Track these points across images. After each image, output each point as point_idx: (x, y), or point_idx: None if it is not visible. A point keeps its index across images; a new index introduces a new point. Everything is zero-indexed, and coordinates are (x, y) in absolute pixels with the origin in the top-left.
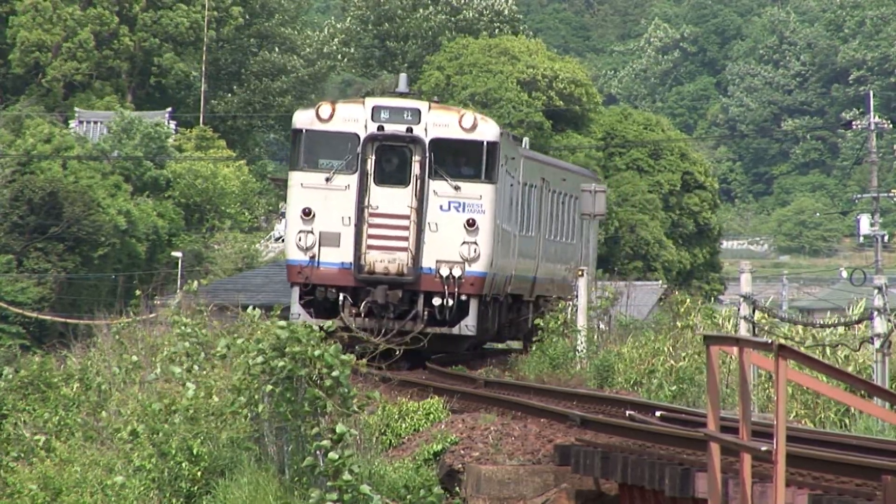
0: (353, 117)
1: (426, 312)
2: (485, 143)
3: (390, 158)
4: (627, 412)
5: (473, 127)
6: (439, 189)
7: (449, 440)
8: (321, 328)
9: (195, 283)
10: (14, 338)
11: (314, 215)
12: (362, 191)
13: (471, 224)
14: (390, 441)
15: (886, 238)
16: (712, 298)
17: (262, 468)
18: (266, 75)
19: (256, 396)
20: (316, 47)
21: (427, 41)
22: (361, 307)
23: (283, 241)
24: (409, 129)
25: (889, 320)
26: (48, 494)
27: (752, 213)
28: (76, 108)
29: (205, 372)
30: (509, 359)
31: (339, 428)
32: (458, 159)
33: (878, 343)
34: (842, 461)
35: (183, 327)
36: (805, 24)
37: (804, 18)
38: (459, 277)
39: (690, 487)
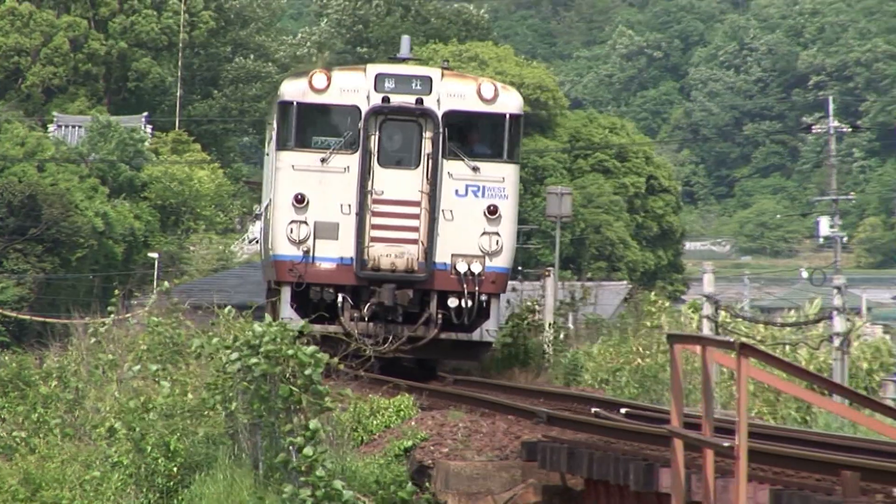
0: (353, 87)
1: (440, 315)
2: (507, 117)
3: (397, 135)
4: (593, 409)
5: (495, 97)
6: (455, 171)
7: (419, 437)
8: (301, 332)
9: (165, 283)
10: None
11: (308, 203)
12: (364, 173)
13: (492, 211)
14: (362, 437)
15: (845, 239)
16: (675, 299)
17: (237, 464)
18: (241, 81)
19: (231, 394)
20: (289, 52)
21: (397, 47)
22: (364, 310)
23: (257, 242)
24: (420, 101)
25: (847, 319)
26: (28, 490)
27: (715, 215)
28: (54, 113)
29: (181, 370)
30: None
31: (313, 424)
32: (477, 136)
33: (836, 341)
34: (802, 457)
35: (157, 327)
36: (766, 31)
37: (765, 25)
38: (479, 274)
39: (654, 482)
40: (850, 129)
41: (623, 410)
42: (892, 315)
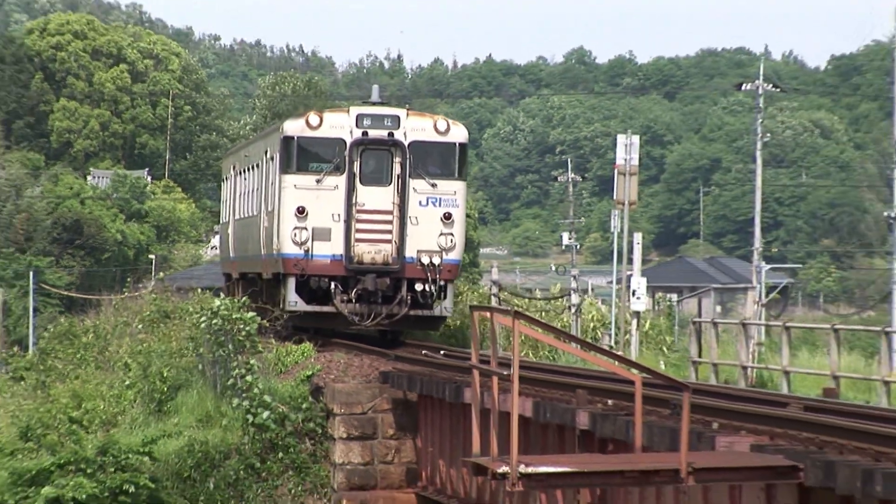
0: (339, 124)
1: (409, 297)
2: (457, 145)
3: (374, 160)
4: (423, 351)
5: (447, 130)
6: (418, 187)
7: (316, 368)
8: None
9: (161, 274)
10: (54, 307)
11: (307, 213)
12: (350, 190)
13: (447, 217)
14: (280, 369)
15: (578, 246)
16: (475, 282)
17: (204, 385)
18: (207, 148)
19: (200, 342)
20: (235, 131)
21: None
22: (352, 294)
23: (216, 248)
24: (391, 134)
25: (579, 296)
26: (75, 401)
27: (498, 231)
28: (91, 169)
29: (168, 327)
30: None
31: (251, 361)
32: (434, 159)
33: (573, 309)
34: (552, 381)
35: (154, 301)
36: (529, 118)
37: (529, 114)
38: (438, 265)
39: (461, 396)
40: (581, 179)
41: (441, 352)
42: (607, 293)
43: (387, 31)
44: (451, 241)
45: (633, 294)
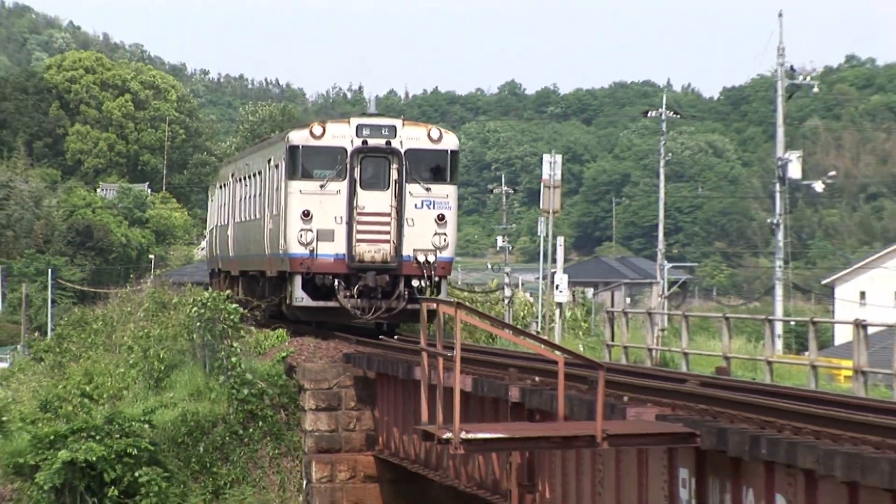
0: (340, 134)
1: (406, 292)
2: (449, 152)
3: (373, 167)
4: (380, 336)
5: (440, 138)
6: (414, 191)
7: (289, 351)
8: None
9: (158, 271)
10: (69, 299)
11: (312, 216)
12: (351, 194)
13: (440, 218)
14: (259, 351)
15: (510, 248)
16: None
17: (195, 365)
18: (198, 166)
19: (192, 328)
20: (222, 151)
21: None
22: (354, 290)
23: (204, 249)
24: (388, 143)
25: (511, 289)
26: (86, 378)
27: None
28: (100, 183)
29: (166, 315)
30: None
31: (235, 345)
32: (428, 166)
33: (506, 301)
34: (489, 361)
35: (153, 293)
36: (469, 140)
37: (469, 137)
38: (433, 263)
39: (412, 374)
40: (512, 191)
41: (395, 336)
42: (535, 287)
43: (350, 66)
44: (445, 240)
45: (557, 288)
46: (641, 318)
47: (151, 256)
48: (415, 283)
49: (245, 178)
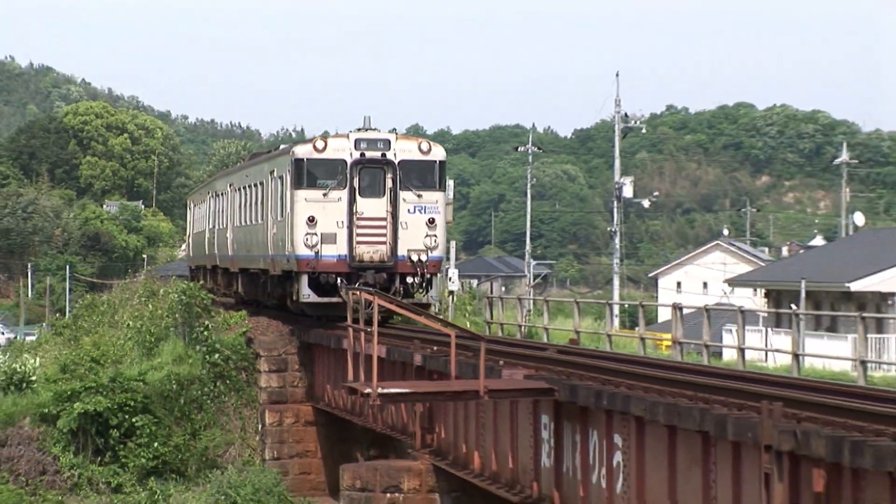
0: (341, 147)
1: (402, 288)
2: (437, 162)
3: (370, 177)
4: (315, 315)
5: (429, 150)
6: (407, 198)
7: (248, 326)
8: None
9: (150, 267)
10: (82, 288)
11: (316, 221)
12: (351, 201)
13: (431, 222)
14: (226, 327)
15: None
16: None
17: (177, 338)
18: (179, 188)
19: (174, 310)
20: (198, 177)
21: None
22: (355, 287)
23: (183, 250)
24: (383, 155)
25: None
26: (95, 348)
27: None
28: (106, 200)
29: (155, 301)
30: None
31: (207, 322)
32: (419, 175)
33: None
34: (398, 335)
35: (145, 283)
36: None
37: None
38: (425, 262)
39: (341, 344)
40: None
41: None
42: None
43: (295, 110)
44: (435, 241)
45: (450, 280)
46: (513, 302)
47: (144, 256)
48: (409, 279)
49: (244, 188)
